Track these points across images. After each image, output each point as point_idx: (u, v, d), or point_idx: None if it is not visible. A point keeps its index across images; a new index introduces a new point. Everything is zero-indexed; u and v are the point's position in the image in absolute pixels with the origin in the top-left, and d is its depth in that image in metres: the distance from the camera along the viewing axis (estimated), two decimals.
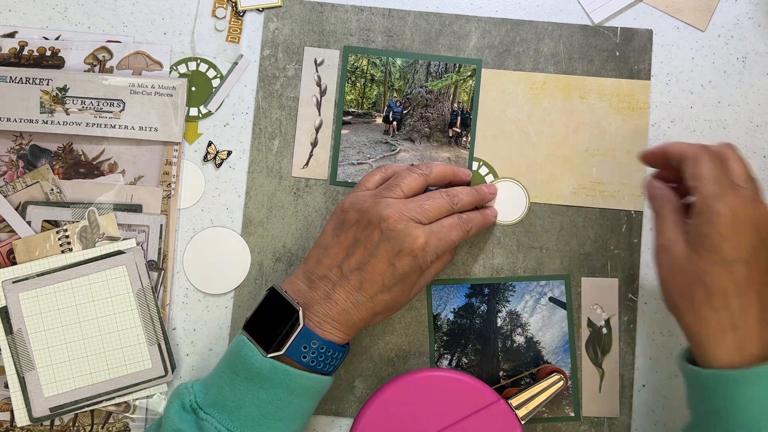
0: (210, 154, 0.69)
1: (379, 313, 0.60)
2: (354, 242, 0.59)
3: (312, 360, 0.57)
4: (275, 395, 0.56)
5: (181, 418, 0.57)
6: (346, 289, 0.58)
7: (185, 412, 0.57)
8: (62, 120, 0.67)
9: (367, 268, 0.58)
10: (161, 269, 0.67)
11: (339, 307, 0.58)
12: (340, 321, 0.58)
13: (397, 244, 0.57)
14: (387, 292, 0.58)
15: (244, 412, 0.56)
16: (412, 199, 0.61)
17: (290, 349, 0.57)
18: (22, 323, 0.65)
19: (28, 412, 0.65)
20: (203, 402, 0.58)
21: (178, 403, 0.58)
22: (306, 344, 0.57)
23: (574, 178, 0.68)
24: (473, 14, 0.70)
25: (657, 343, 0.67)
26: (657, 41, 0.70)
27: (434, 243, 0.58)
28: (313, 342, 0.57)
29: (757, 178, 0.55)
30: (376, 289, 0.58)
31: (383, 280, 0.58)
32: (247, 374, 0.57)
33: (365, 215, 0.59)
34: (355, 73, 0.69)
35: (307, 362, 0.57)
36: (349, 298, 0.58)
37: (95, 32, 0.70)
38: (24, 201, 0.67)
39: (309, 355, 0.57)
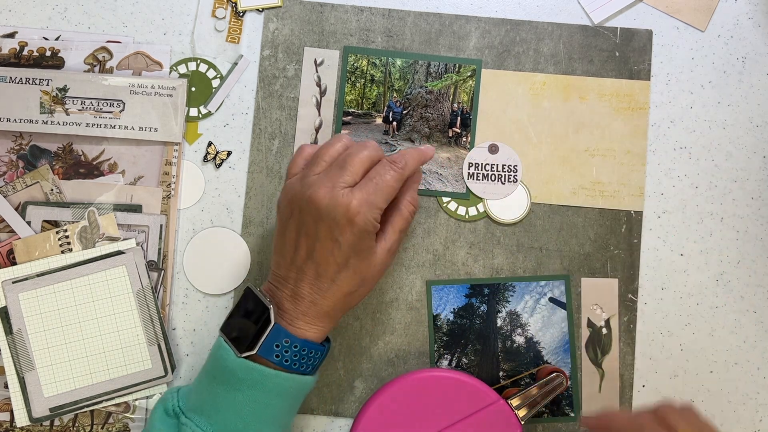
0: (210, 155, 0.69)
1: (349, 293, 0.58)
2: (297, 235, 0.57)
3: (286, 360, 0.56)
4: (252, 397, 0.55)
5: (162, 422, 0.57)
6: (307, 282, 0.57)
7: (168, 417, 0.57)
8: (62, 120, 0.67)
9: (315, 255, 0.56)
10: (161, 269, 0.67)
11: (306, 301, 0.57)
12: (311, 314, 0.57)
13: (331, 220, 0.55)
14: (345, 269, 0.56)
15: (222, 416, 0.55)
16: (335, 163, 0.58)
17: (263, 348, 0.55)
18: (22, 323, 0.65)
19: (28, 413, 0.65)
20: (185, 407, 0.57)
21: (161, 408, 0.58)
22: (278, 342, 0.56)
23: (573, 178, 0.68)
24: (473, 14, 0.70)
25: (657, 343, 0.67)
26: (657, 41, 0.70)
27: (368, 198, 0.55)
28: (285, 340, 0.56)
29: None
30: (332, 270, 0.56)
31: (335, 259, 0.56)
32: (223, 377, 0.56)
33: (295, 204, 0.57)
34: (355, 73, 0.69)
35: (281, 362, 0.56)
36: (312, 289, 0.57)
37: (95, 32, 0.70)
38: (24, 201, 0.67)
39: (282, 354, 0.56)
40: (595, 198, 0.68)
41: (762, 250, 0.68)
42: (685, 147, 0.69)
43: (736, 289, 0.68)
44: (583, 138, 0.69)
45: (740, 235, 0.68)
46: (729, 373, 0.67)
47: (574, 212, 0.68)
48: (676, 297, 0.68)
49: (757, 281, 0.68)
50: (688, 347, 0.67)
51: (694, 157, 0.69)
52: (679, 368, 0.67)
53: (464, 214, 0.68)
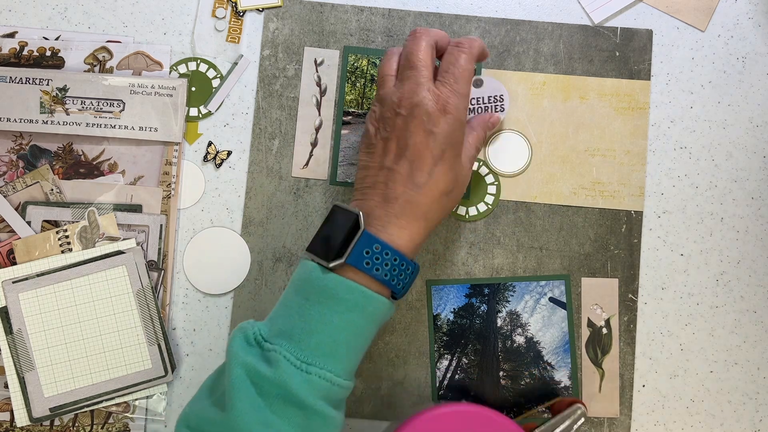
0: (210, 154, 0.69)
1: (446, 192, 0.56)
2: (385, 141, 0.56)
3: (377, 268, 0.53)
4: (348, 320, 0.52)
5: (246, 351, 0.52)
6: (400, 181, 0.54)
7: (249, 346, 0.53)
8: (62, 120, 0.67)
9: (409, 152, 0.54)
10: (161, 269, 0.67)
11: (400, 201, 0.54)
12: (407, 215, 0.54)
13: (422, 113, 0.55)
14: (441, 162, 0.55)
15: (314, 340, 0.51)
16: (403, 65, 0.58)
17: (352, 255, 0.52)
18: (22, 323, 0.65)
19: (28, 413, 0.65)
20: (268, 334, 0.53)
21: (241, 337, 0.53)
22: (369, 249, 0.52)
23: (573, 178, 0.68)
24: (473, 14, 0.70)
25: (657, 343, 0.67)
26: (657, 41, 0.70)
27: (454, 88, 0.56)
28: (375, 246, 0.53)
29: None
30: (428, 163, 0.54)
31: (431, 151, 0.54)
32: (320, 297, 0.52)
33: (380, 119, 0.57)
34: (355, 73, 0.69)
35: (371, 270, 0.52)
36: (407, 186, 0.54)
37: (95, 32, 0.70)
38: (24, 201, 0.67)
39: (373, 261, 0.52)
40: (595, 198, 0.68)
41: (762, 250, 0.68)
42: (685, 147, 0.69)
43: (736, 289, 0.68)
44: (583, 138, 0.69)
45: (740, 235, 0.68)
46: (729, 373, 0.67)
47: (574, 212, 0.68)
48: (676, 297, 0.68)
49: (757, 281, 0.68)
50: (688, 347, 0.67)
51: (694, 157, 0.69)
52: (679, 368, 0.67)
53: (464, 214, 0.68)
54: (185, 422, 0.52)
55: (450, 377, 0.67)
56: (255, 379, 0.50)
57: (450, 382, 0.67)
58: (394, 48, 0.62)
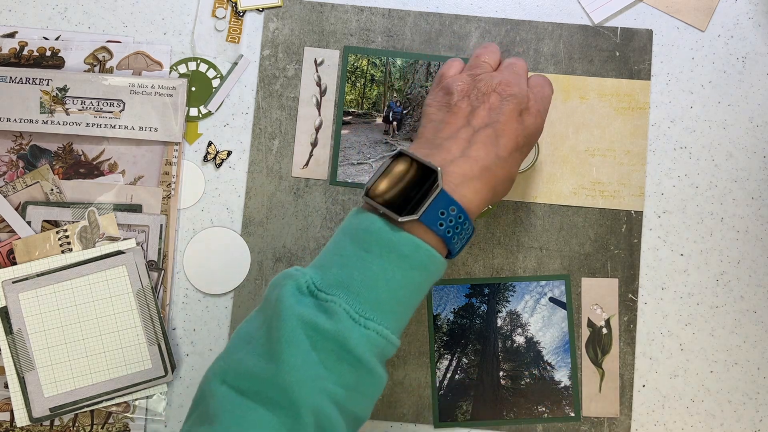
0: (210, 154, 0.69)
1: (511, 179, 0.55)
2: (472, 108, 0.54)
3: (449, 230, 0.50)
4: (411, 277, 0.49)
5: (299, 301, 0.48)
6: (484, 144, 0.52)
7: (302, 296, 0.49)
8: (62, 120, 0.67)
9: (498, 126, 0.53)
10: (161, 269, 0.67)
11: (480, 164, 0.52)
12: (482, 180, 0.52)
13: (518, 103, 0.54)
14: (519, 151, 0.55)
15: (374, 294, 0.48)
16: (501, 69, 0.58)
17: (427, 214, 0.49)
18: (22, 323, 0.65)
19: (28, 413, 0.65)
20: (322, 283, 0.49)
21: (293, 285, 0.49)
22: (444, 210, 0.50)
23: (574, 178, 0.68)
24: (473, 14, 0.70)
25: (657, 343, 0.67)
26: (657, 41, 0.70)
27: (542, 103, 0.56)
28: (451, 208, 0.50)
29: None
30: (512, 145, 0.53)
31: (516, 136, 0.54)
32: (383, 250, 0.49)
33: (473, 88, 0.55)
34: (355, 73, 0.69)
35: (443, 231, 0.50)
36: (489, 153, 0.52)
37: (95, 32, 0.70)
38: (24, 201, 0.67)
39: (446, 223, 0.50)
40: (596, 198, 0.68)
41: (762, 250, 0.68)
42: (685, 147, 0.69)
43: (736, 289, 0.68)
44: (583, 138, 0.69)
45: (740, 235, 0.68)
46: (729, 373, 0.67)
47: (575, 212, 0.68)
48: (676, 297, 0.68)
49: (757, 281, 0.68)
50: (688, 347, 0.67)
51: (694, 157, 0.69)
52: (679, 368, 0.67)
53: None
54: (221, 377, 0.48)
55: (450, 377, 0.67)
56: (310, 332, 0.47)
57: (450, 382, 0.67)
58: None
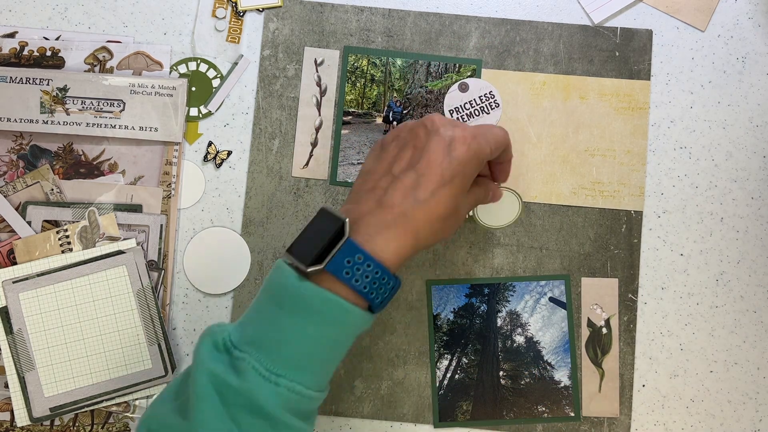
0: (210, 154, 0.69)
1: (443, 218, 0.53)
2: (399, 150, 0.54)
3: (357, 279, 0.50)
4: (323, 332, 0.49)
5: (212, 357, 0.50)
6: (401, 190, 0.52)
7: (217, 352, 0.50)
8: (62, 120, 0.67)
9: (421, 164, 0.52)
10: (161, 269, 0.67)
11: (395, 210, 0.51)
12: (398, 227, 0.51)
13: (447, 135, 0.53)
14: (448, 186, 0.52)
15: (286, 351, 0.49)
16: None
17: (333, 263, 0.49)
18: (22, 323, 0.65)
19: (28, 412, 0.65)
20: (238, 340, 0.50)
21: (209, 342, 0.50)
22: (350, 259, 0.50)
23: (573, 178, 0.68)
24: (473, 14, 0.70)
25: (657, 343, 0.67)
26: (657, 41, 0.70)
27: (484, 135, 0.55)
28: (358, 257, 0.50)
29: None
30: (434, 182, 0.52)
31: (441, 171, 0.52)
32: (294, 306, 0.49)
33: (403, 130, 0.55)
34: (355, 73, 0.69)
35: (350, 280, 0.50)
36: (407, 198, 0.51)
37: (95, 32, 0.70)
38: (24, 201, 0.67)
39: (354, 272, 0.50)
40: (595, 198, 0.68)
41: (762, 250, 0.68)
42: (685, 147, 0.69)
43: (736, 289, 0.68)
44: (583, 138, 0.69)
45: (740, 235, 0.68)
46: (729, 373, 0.67)
47: (574, 212, 0.68)
48: (676, 297, 0.68)
49: (757, 281, 0.68)
50: (688, 347, 0.67)
51: (694, 157, 0.69)
52: (679, 368, 0.67)
53: None
54: (146, 425, 0.50)
55: (450, 377, 0.67)
56: (220, 389, 0.48)
57: (450, 382, 0.67)
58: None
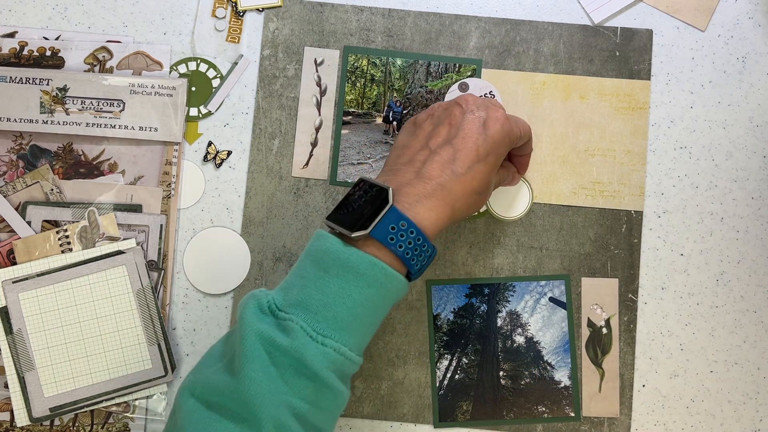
0: (210, 154, 0.69)
1: (477, 192, 0.55)
2: (434, 127, 0.56)
3: (400, 245, 0.51)
4: (367, 295, 0.51)
5: (259, 319, 0.50)
6: (439, 163, 0.54)
7: (263, 314, 0.51)
8: (62, 120, 0.67)
9: (457, 140, 0.54)
10: (161, 269, 0.67)
11: (434, 182, 0.53)
12: (437, 197, 0.53)
13: (482, 114, 0.55)
14: (483, 162, 0.54)
15: (332, 313, 0.50)
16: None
17: (378, 228, 0.51)
18: (22, 323, 0.65)
19: (28, 412, 0.65)
20: (282, 303, 0.51)
21: (255, 304, 0.51)
22: (394, 224, 0.51)
23: (574, 178, 0.68)
24: (473, 14, 0.70)
25: (657, 343, 0.67)
26: (657, 41, 0.70)
27: (513, 118, 0.57)
28: (402, 223, 0.51)
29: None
30: (471, 157, 0.54)
31: (477, 147, 0.54)
32: (339, 270, 0.51)
33: (438, 108, 0.57)
34: (355, 73, 0.69)
35: (395, 246, 0.51)
36: (444, 170, 0.53)
37: (95, 32, 0.70)
38: (24, 201, 0.67)
39: (398, 238, 0.51)
40: (596, 198, 0.68)
41: (762, 250, 0.68)
42: (685, 147, 0.69)
43: (736, 289, 0.68)
44: (583, 138, 0.69)
45: (740, 235, 0.68)
46: (729, 373, 0.67)
47: (575, 212, 0.68)
48: (676, 297, 0.68)
49: (757, 281, 0.68)
50: (688, 347, 0.67)
51: (694, 157, 0.69)
52: (679, 368, 0.67)
53: None
54: (190, 390, 0.50)
55: (450, 377, 0.67)
56: (269, 348, 0.49)
57: (450, 382, 0.67)
58: None
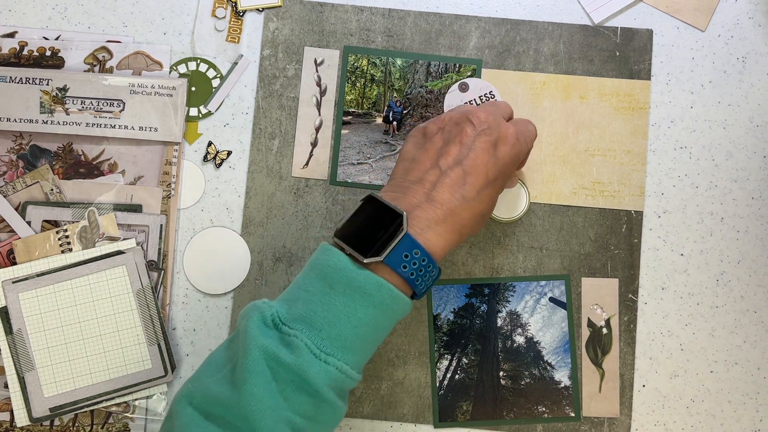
0: (210, 154, 0.69)
1: (483, 215, 0.55)
2: (445, 143, 0.55)
3: (412, 273, 0.52)
4: (373, 315, 0.51)
5: (263, 333, 0.50)
6: (450, 186, 0.53)
7: (266, 327, 0.51)
8: (62, 120, 0.67)
9: (468, 162, 0.54)
10: (161, 269, 0.67)
11: (445, 208, 0.53)
12: (448, 224, 0.53)
13: (493, 134, 0.55)
14: (491, 186, 0.55)
15: (336, 331, 0.50)
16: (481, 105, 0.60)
17: (391, 256, 0.51)
18: (22, 323, 0.65)
19: (28, 412, 0.65)
20: (287, 317, 0.51)
21: (258, 317, 0.51)
22: (408, 253, 0.51)
23: (574, 178, 0.68)
24: (473, 14, 0.70)
25: (657, 343, 0.67)
26: (657, 41, 0.70)
27: (522, 132, 0.57)
28: (415, 252, 0.51)
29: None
30: (480, 182, 0.54)
31: (487, 171, 0.54)
32: (346, 288, 0.51)
33: (449, 122, 0.56)
34: (355, 73, 0.69)
35: (407, 273, 0.51)
36: (454, 194, 0.53)
37: (95, 32, 0.70)
38: (24, 201, 0.67)
39: (410, 266, 0.51)
40: (596, 198, 0.68)
41: (762, 250, 0.68)
42: (685, 147, 0.69)
43: (737, 289, 0.68)
44: (583, 138, 0.69)
45: (740, 235, 0.68)
46: (729, 373, 0.67)
47: (575, 212, 0.68)
48: (677, 297, 0.68)
49: (758, 281, 0.68)
50: (688, 347, 0.67)
51: (694, 157, 0.69)
52: (679, 368, 0.67)
53: None
54: (188, 399, 0.50)
55: (450, 377, 0.67)
56: (272, 364, 0.49)
57: (450, 382, 0.67)
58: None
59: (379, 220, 0.53)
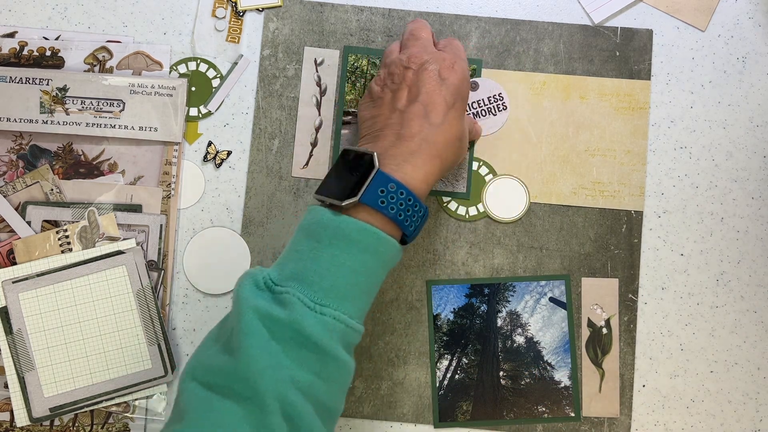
0: (210, 154, 0.69)
1: (458, 138, 0.57)
2: (393, 93, 0.58)
3: (392, 207, 0.52)
4: (361, 261, 0.51)
5: (255, 295, 0.51)
6: (416, 120, 0.55)
7: (259, 290, 0.51)
8: (62, 120, 0.67)
9: (422, 97, 0.56)
10: (161, 269, 0.67)
11: (417, 138, 0.55)
12: (423, 154, 0.54)
13: (431, 65, 0.57)
14: (453, 108, 0.57)
15: (327, 282, 0.51)
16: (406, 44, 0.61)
17: (367, 194, 0.52)
18: (22, 323, 0.65)
19: (28, 413, 0.65)
20: (278, 278, 0.52)
21: (251, 282, 0.52)
22: (383, 188, 0.52)
23: (574, 178, 0.68)
24: (473, 14, 0.70)
25: (657, 343, 0.67)
26: (657, 41, 0.70)
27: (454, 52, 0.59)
28: (390, 185, 0.52)
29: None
30: (442, 108, 0.56)
31: (444, 98, 0.56)
32: (332, 238, 0.51)
33: (387, 75, 0.59)
34: (355, 73, 0.69)
35: (386, 208, 0.52)
36: (423, 125, 0.55)
37: (95, 32, 0.70)
38: (24, 201, 0.67)
39: (388, 201, 0.52)
40: (596, 198, 0.68)
41: (762, 250, 0.68)
42: (685, 147, 0.69)
43: (737, 289, 0.68)
44: (583, 138, 0.69)
45: (740, 235, 0.68)
46: (729, 373, 0.67)
47: (575, 212, 0.68)
48: (677, 297, 0.68)
49: (758, 281, 0.68)
50: (688, 347, 0.67)
51: (694, 157, 0.69)
52: (679, 368, 0.67)
53: (464, 214, 0.68)
54: (191, 374, 0.50)
55: (450, 377, 0.67)
56: (267, 323, 0.49)
57: (450, 382, 0.67)
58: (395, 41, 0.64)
59: (355, 168, 0.54)
